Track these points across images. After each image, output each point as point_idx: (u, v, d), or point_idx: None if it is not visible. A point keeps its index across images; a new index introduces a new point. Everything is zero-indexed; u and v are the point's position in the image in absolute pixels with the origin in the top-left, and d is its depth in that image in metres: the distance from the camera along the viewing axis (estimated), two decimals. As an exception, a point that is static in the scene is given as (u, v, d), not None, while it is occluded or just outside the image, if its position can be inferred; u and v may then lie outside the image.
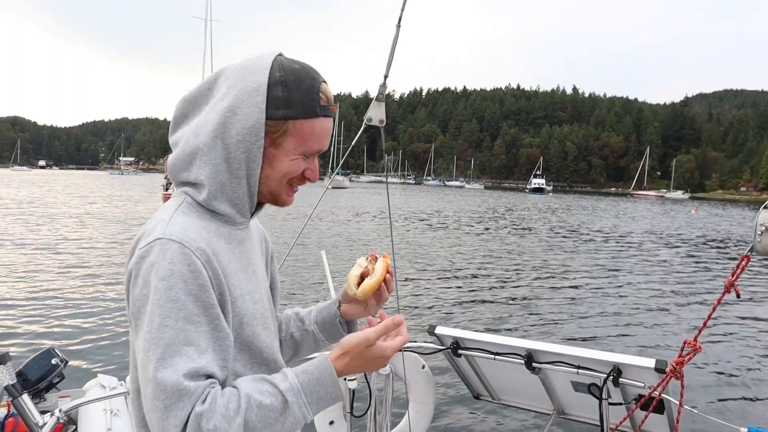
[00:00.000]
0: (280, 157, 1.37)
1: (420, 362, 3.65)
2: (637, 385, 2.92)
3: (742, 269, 2.36)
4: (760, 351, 10.88)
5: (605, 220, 47.22)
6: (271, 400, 1.21)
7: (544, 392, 3.47)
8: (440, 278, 16.18)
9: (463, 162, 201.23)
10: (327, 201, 52.60)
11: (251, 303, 1.38)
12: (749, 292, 17.13)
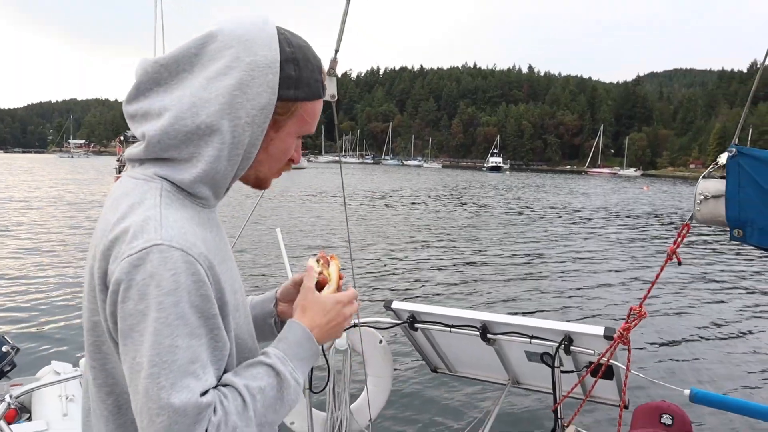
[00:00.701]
0: (279, 140, 1.29)
1: (377, 337, 3.69)
2: (587, 352, 3.01)
3: (683, 237, 2.44)
4: (701, 315, 11.38)
5: (559, 197, 48.23)
6: (267, 380, 1.19)
7: (499, 363, 3.55)
8: (396, 255, 16.36)
9: (421, 141, 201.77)
10: (284, 182, 52.11)
11: (232, 293, 1.28)
12: (693, 261, 17.86)
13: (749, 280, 15.58)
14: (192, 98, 1.19)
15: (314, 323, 1.32)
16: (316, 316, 1.33)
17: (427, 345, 3.74)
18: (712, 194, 2.35)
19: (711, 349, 9.34)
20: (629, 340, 2.74)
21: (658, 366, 8.18)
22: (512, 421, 5.99)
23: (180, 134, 1.18)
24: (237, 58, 1.19)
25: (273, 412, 1.20)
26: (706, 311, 11.79)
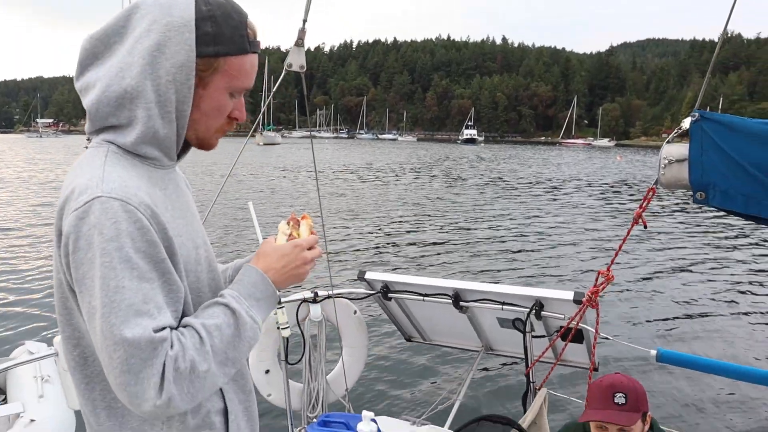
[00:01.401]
0: (209, 97, 1.32)
1: (351, 308, 3.71)
2: (557, 316, 3.07)
3: (648, 201, 2.48)
4: (667, 278, 11.67)
5: (532, 167, 48.60)
6: (222, 318, 1.25)
7: (472, 330, 3.61)
8: (370, 227, 16.50)
9: (395, 115, 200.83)
10: (259, 158, 51.76)
11: (193, 248, 1.36)
12: (659, 225, 18.27)
13: (713, 242, 15.98)
14: (119, 65, 1.26)
15: (270, 266, 1.37)
16: (271, 260, 1.38)
17: (401, 314, 3.78)
18: (675, 158, 2.39)
19: (677, 310, 9.60)
20: (597, 303, 2.80)
21: (626, 328, 8.37)
22: (486, 387, 6.10)
23: (112, 100, 1.26)
24: (155, 21, 1.25)
25: (233, 349, 1.25)
26: (672, 273, 12.10)
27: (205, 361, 1.19)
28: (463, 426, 3.24)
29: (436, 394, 4.53)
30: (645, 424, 2.22)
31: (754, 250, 15.04)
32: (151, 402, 1.13)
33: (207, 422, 1.37)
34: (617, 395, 2.16)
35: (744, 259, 13.91)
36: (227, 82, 1.31)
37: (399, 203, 22.36)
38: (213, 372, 1.21)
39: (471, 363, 3.74)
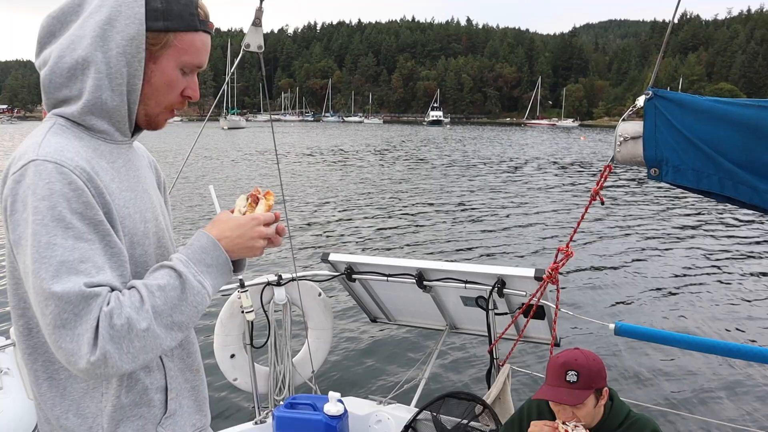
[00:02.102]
0: (160, 72, 1.34)
1: (316, 290, 3.71)
2: (519, 293, 3.11)
3: (605, 178, 2.53)
4: (625, 253, 11.97)
5: (496, 148, 49.03)
6: (167, 279, 1.24)
7: (436, 310, 3.64)
8: (334, 210, 16.54)
9: (361, 97, 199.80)
10: (224, 141, 51.13)
11: (141, 222, 1.37)
12: (616, 201, 18.70)
13: (669, 218, 16.43)
14: (71, 37, 1.29)
15: (223, 234, 1.35)
16: (225, 228, 1.36)
17: (365, 295, 3.79)
18: (630, 136, 2.43)
19: (635, 284, 9.86)
20: (557, 279, 2.85)
21: (586, 303, 8.57)
22: (451, 365, 6.19)
23: (63, 71, 1.29)
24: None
25: (179, 313, 1.24)
26: (630, 249, 12.42)
27: (144, 320, 1.18)
28: (428, 403, 3.28)
29: (402, 374, 4.60)
30: (601, 398, 2.25)
31: (709, 225, 15.49)
32: (85, 359, 1.13)
33: (144, 399, 1.37)
34: (569, 373, 2.19)
35: (699, 234, 14.33)
36: (178, 57, 1.34)
37: (363, 185, 22.39)
38: (155, 333, 1.19)
39: (436, 342, 3.78)
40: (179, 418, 1.46)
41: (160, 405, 1.40)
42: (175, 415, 1.44)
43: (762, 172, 2.11)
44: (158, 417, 1.40)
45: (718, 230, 14.80)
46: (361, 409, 3.53)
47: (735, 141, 2.16)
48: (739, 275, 10.59)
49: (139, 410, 1.36)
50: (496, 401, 3.22)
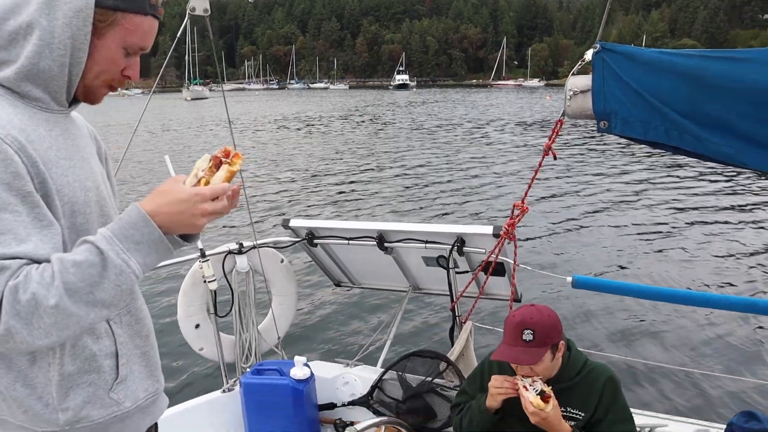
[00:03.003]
0: (104, 48, 1.33)
1: (278, 257, 3.71)
2: (479, 251, 3.15)
3: (557, 132, 2.55)
4: (580, 207, 12.23)
5: (461, 110, 49.10)
6: (85, 255, 1.18)
7: (399, 271, 3.67)
8: (296, 176, 16.63)
9: (326, 63, 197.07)
10: (186, 113, 50.26)
11: (82, 190, 1.35)
12: (569, 156, 19.02)
13: (620, 169, 16.79)
14: (15, 4, 1.27)
15: (159, 209, 1.25)
16: (163, 202, 1.26)
17: (328, 260, 3.80)
18: (580, 89, 2.45)
19: (591, 237, 10.13)
20: (514, 235, 2.89)
21: (544, 258, 8.77)
22: (415, 325, 6.30)
23: (5, 33, 1.27)
24: None
25: (101, 290, 1.18)
26: (587, 203, 12.72)
27: (53, 296, 1.14)
28: (394, 363, 3.33)
29: (367, 336, 4.66)
30: (557, 352, 2.30)
31: (662, 178, 15.87)
32: None
33: (93, 366, 1.37)
34: (525, 332, 2.21)
35: (652, 187, 14.68)
36: (123, 37, 1.33)
37: (326, 151, 22.43)
38: (68, 310, 1.15)
39: (400, 303, 3.82)
40: (131, 384, 1.47)
41: (110, 371, 1.41)
42: (126, 380, 1.45)
43: (705, 122, 2.15)
44: (109, 383, 1.41)
45: (671, 183, 15.19)
46: (327, 372, 3.57)
47: (679, 91, 2.19)
48: (691, 226, 10.92)
49: (88, 377, 1.37)
50: (460, 358, 3.28)
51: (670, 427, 2.73)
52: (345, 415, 3.46)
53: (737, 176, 15.74)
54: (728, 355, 5.92)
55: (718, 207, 12.43)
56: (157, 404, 1.60)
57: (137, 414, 1.50)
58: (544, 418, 2.18)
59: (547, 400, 2.19)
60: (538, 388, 2.22)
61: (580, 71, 2.49)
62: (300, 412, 3.28)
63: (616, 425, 2.32)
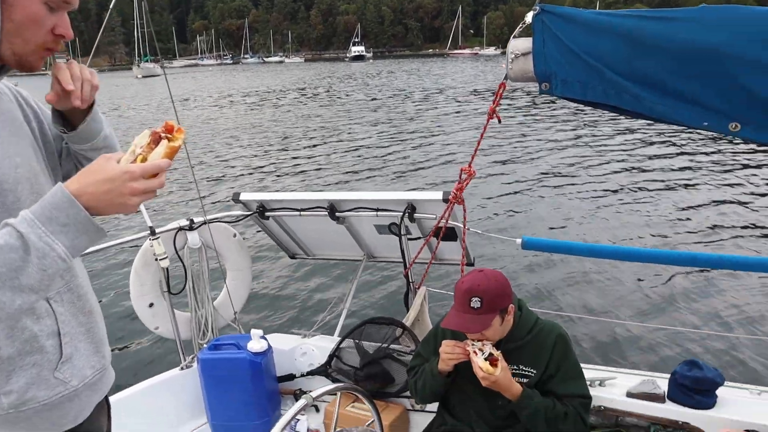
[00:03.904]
0: (19, 6, 1.23)
1: (230, 231, 3.68)
2: (429, 217, 3.18)
3: (500, 96, 2.56)
4: (529, 170, 12.47)
5: (417, 80, 48.97)
6: (5, 239, 1.12)
7: (352, 240, 3.68)
8: (247, 150, 16.63)
9: (280, 36, 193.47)
10: (138, 91, 48.97)
11: (11, 168, 1.30)
12: (515, 119, 19.31)
13: (564, 132, 17.11)
14: None
15: (86, 189, 1.19)
16: (91, 182, 1.19)
17: (281, 232, 3.79)
18: (521, 52, 2.46)
19: (538, 198, 10.36)
20: (463, 199, 2.91)
21: (494, 221, 8.94)
22: (371, 293, 6.36)
23: None
24: None
25: (25, 276, 1.13)
26: (535, 166, 13.02)
27: None
28: (350, 331, 3.36)
29: (324, 307, 4.68)
30: (506, 315, 2.34)
31: (608, 140, 16.19)
32: None
33: (35, 347, 1.35)
34: (473, 300, 2.23)
35: (598, 148, 14.99)
36: None
37: (278, 126, 22.32)
38: None
39: (355, 272, 3.84)
40: (77, 362, 1.44)
41: (54, 350, 1.38)
42: (71, 359, 1.43)
43: (641, 81, 2.18)
44: (54, 363, 1.39)
45: (617, 145, 15.52)
46: (285, 343, 3.59)
47: (616, 52, 2.22)
48: (635, 186, 11.23)
49: (30, 358, 1.34)
50: (415, 323, 3.33)
51: (618, 379, 2.82)
52: (304, 385, 3.50)
53: (679, 136, 16.16)
54: (672, 308, 6.15)
55: (662, 168, 12.77)
56: (104, 380, 1.58)
57: (85, 392, 1.49)
58: (494, 381, 2.23)
59: (496, 363, 2.24)
60: (487, 352, 2.27)
61: (521, 34, 2.50)
62: (259, 385, 3.30)
63: (567, 380, 2.39)
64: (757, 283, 6.51)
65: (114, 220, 9.26)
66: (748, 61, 1.87)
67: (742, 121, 1.98)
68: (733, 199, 10.02)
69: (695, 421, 2.52)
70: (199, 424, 3.40)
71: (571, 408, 2.34)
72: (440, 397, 2.57)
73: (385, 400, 3.19)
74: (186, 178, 12.33)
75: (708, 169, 12.46)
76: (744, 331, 5.61)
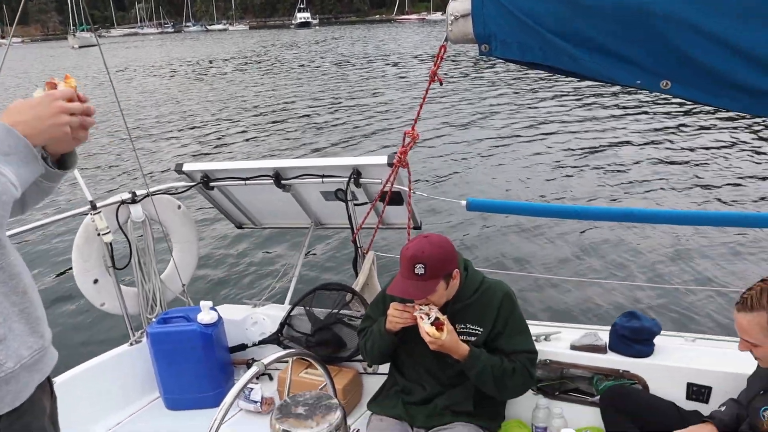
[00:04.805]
0: None
1: (174, 203, 3.61)
2: (375, 181, 3.18)
3: (441, 58, 2.57)
4: (471, 132, 12.62)
5: (362, 47, 48.47)
6: None
7: (299, 208, 3.66)
8: (189, 122, 16.30)
9: (223, 3, 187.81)
10: (76, 62, 47.07)
11: None
12: (457, 82, 19.44)
13: (507, 95, 17.33)
14: None
15: (16, 119, 1.25)
16: (17, 113, 1.26)
17: (226, 202, 3.74)
18: (461, 14, 2.46)
19: (482, 160, 10.51)
20: (407, 163, 2.93)
21: (439, 183, 9.03)
22: (320, 260, 6.37)
23: None
24: None
25: None
26: (476, 128, 13.15)
27: None
28: (301, 298, 3.37)
29: (273, 275, 4.69)
30: (451, 280, 2.37)
31: (546, 99, 16.46)
32: None
33: None
34: (417, 266, 2.26)
35: (537, 107, 15.24)
36: None
37: (222, 95, 21.94)
38: None
39: (303, 240, 3.83)
40: (11, 343, 1.40)
41: None
42: (6, 340, 1.38)
43: (578, 41, 2.21)
44: None
45: (556, 105, 15.76)
46: (236, 314, 3.58)
47: (554, 12, 2.24)
48: (575, 146, 11.49)
49: None
50: (365, 287, 3.35)
51: (563, 334, 2.92)
52: (257, 354, 3.50)
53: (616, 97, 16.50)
54: (612, 262, 6.39)
55: (602, 129, 13.04)
56: (44, 360, 1.54)
57: (23, 373, 1.44)
58: (440, 345, 2.29)
59: (441, 328, 2.29)
60: (432, 316, 2.31)
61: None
62: (210, 356, 3.29)
63: (514, 337, 2.46)
64: (691, 236, 6.78)
65: (52, 196, 8.98)
66: (678, 21, 1.91)
67: (673, 79, 2.03)
68: (667, 157, 10.36)
69: (635, 369, 2.63)
70: (152, 398, 3.38)
71: (518, 363, 2.42)
72: (389, 356, 2.62)
73: (338, 365, 3.22)
74: (126, 151, 12.01)
75: (643, 127, 12.83)
76: (679, 281, 5.87)
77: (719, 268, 6.10)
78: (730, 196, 8.21)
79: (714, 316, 5.08)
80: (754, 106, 1.94)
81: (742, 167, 9.51)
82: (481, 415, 2.52)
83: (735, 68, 1.90)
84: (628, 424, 2.40)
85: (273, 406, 3.15)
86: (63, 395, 1.54)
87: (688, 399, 2.53)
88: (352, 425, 2.94)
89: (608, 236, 6.92)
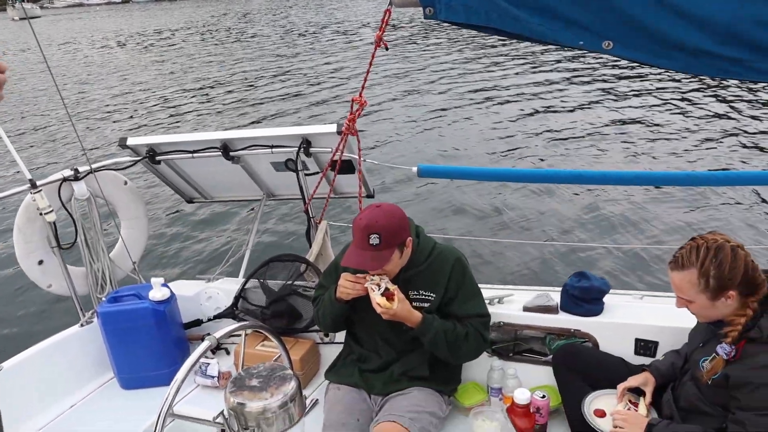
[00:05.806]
0: None
1: (120, 179, 3.51)
2: (325, 150, 3.14)
3: (386, 22, 2.52)
4: (420, 98, 12.60)
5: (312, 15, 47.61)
6: None
7: (250, 180, 3.60)
8: (135, 95, 15.85)
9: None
10: (16, 34, 45.19)
11: None
12: (404, 48, 19.33)
13: (456, 61, 17.30)
14: None
15: None
16: None
17: (175, 177, 3.65)
18: (404, -23, 2.42)
19: (433, 127, 10.49)
20: (356, 130, 2.89)
21: (389, 150, 9.00)
22: (273, 232, 6.30)
23: None
24: None
25: None
26: (426, 94, 13.11)
27: None
28: (254, 271, 3.33)
29: (226, 250, 4.62)
30: (405, 248, 2.36)
31: (494, 64, 16.45)
32: None
33: None
34: (371, 237, 2.24)
35: (485, 72, 15.24)
36: None
37: (167, 67, 21.39)
38: None
39: (255, 212, 3.78)
40: None
41: None
42: None
43: (522, 3, 2.19)
44: None
45: (504, 70, 15.75)
46: (189, 290, 3.52)
47: (497, -27, 2.21)
48: (524, 109, 11.56)
49: None
50: (318, 257, 3.33)
51: (515, 296, 2.96)
52: (213, 329, 3.45)
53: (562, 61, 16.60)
54: (561, 224, 6.50)
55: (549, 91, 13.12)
56: None
57: None
58: (392, 315, 2.29)
59: (392, 298, 2.29)
60: (383, 287, 2.31)
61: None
62: (165, 333, 3.23)
63: (467, 301, 2.48)
64: (640, 196, 6.93)
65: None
66: (619, -20, 1.92)
67: (615, 39, 2.04)
68: (614, 119, 10.51)
69: (585, 328, 2.69)
70: (106, 379, 3.32)
71: (471, 328, 2.44)
72: (342, 324, 2.62)
73: (295, 336, 3.21)
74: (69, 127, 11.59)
75: (591, 89, 12.95)
76: (625, 240, 6.01)
77: (665, 226, 6.26)
78: (676, 157, 8.41)
79: (660, 275, 5.21)
80: (692, 65, 1.96)
81: (686, 128, 9.72)
82: (436, 379, 2.56)
83: (674, 28, 1.92)
84: (579, 381, 2.46)
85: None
86: (12, 380, 1.49)
87: (636, 354, 2.61)
88: (311, 395, 2.94)
89: (557, 199, 7.01)
